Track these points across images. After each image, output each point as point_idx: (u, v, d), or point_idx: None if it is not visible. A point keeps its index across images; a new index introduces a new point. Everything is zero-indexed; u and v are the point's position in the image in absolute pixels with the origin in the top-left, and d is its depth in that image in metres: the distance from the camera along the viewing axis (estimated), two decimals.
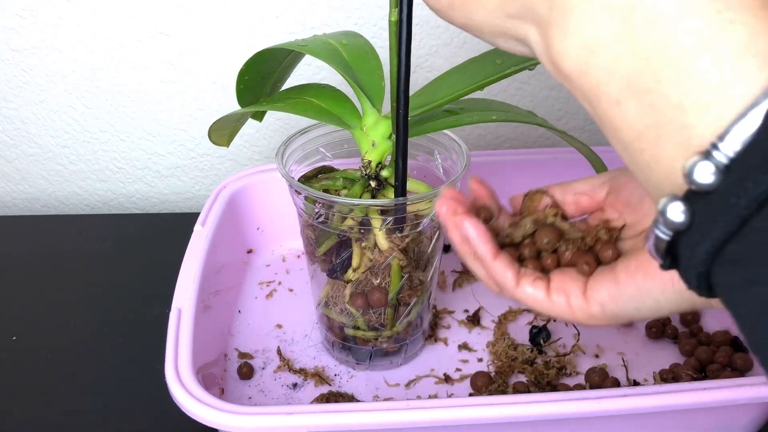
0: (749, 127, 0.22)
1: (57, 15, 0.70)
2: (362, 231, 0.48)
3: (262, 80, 0.51)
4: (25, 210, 0.82)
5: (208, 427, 0.43)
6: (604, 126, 0.27)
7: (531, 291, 0.35)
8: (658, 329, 0.56)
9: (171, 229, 0.72)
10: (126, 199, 0.81)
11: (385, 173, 0.49)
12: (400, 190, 0.47)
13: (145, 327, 0.59)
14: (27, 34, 0.71)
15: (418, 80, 0.71)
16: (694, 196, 0.24)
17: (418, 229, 0.49)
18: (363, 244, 0.49)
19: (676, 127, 0.24)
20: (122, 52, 0.72)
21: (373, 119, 0.49)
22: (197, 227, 0.58)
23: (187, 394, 0.43)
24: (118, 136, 0.77)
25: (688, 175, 0.23)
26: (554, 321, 0.58)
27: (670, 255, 0.26)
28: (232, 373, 0.54)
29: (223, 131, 0.51)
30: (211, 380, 0.51)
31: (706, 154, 0.23)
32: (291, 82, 0.54)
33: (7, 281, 0.66)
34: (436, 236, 0.51)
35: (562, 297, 0.35)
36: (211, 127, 0.50)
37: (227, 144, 0.51)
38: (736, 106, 0.23)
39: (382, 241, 0.48)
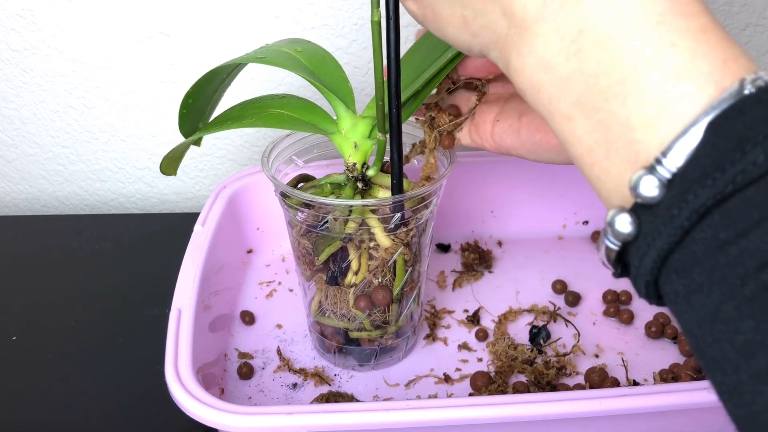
0: (690, 143, 0.23)
1: (57, 15, 0.70)
2: (366, 232, 0.48)
3: (206, 102, 0.50)
4: (25, 210, 0.82)
5: (208, 427, 0.43)
6: (558, 138, 0.29)
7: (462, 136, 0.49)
8: (658, 329, 0.56)
9: (171, 229, 0.72)
10: (126, 199, 0.81)
11: (370, 173, 0.49)
12: (398, 188, 0.47)
13: (145, 327, 0.59)
14: (27, 34, 0.71)
15: None
16: (640, 209, 0.25)
17: (422, 221, 0.49)
18: (371, 245, 0.49)
19: (623, 143, 0.25)
20: (122, 52, 0.72)
21: (350, 121, 0.49)
22: (197, 227, 0.58)
23: (187, 394, 0.43)
24: (118, 136, 0.77)
25: (634, 189, 0.24)
26: (554, 321, 0.59)
27: (621, 264, 0.27)
28: (232, 373, 0.54)
29: (173, 161, 0.50)
30: (211, 380, 0.51)
31: (651, 169, 0.24)
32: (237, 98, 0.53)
33: (7, 281, 0.66)
34: (429, 227, 0.51)
35: (478, 139, 0.48)
36: (163, 161, 0.49)
37: (175, 172, 0.51)
38: (678, 123, 0.24)
39: (384, 240, 0.48)
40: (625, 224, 0.25)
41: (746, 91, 0.23)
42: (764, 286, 0.21)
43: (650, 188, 0.24)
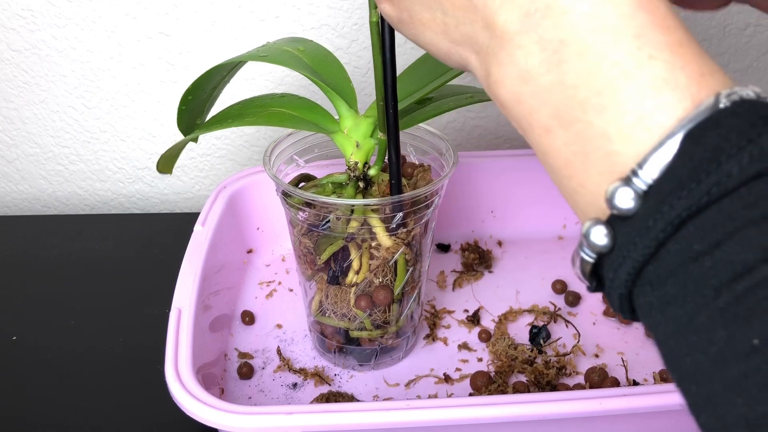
0: (666, 155, 0.24)
1: (57, 15, 0.70)
2: (367, 231, 0.48)
3: (205, 99, 0.50)
4: (25, 210, 0.82)
5: (208, 427, 0.43)
6: (536, 151, 0.29)
7: None
8: None
9: (171, 229, 0.72)
10: (126, 199, 0.81)
11: (372, 172, 0.49)
12: (397, 188, 0.47)
13: (145, 327, 0.59)
14: (27, 34, 0.71)
15: None
16: (616, 221, 0.25)
17: (423, 221, 0.49)
18: (373, 244, 0.49)
19: (601, 154, 0.26)
20: (122, 52, 0.72)
21: (352, 121, 0.49)
22: (197, 227, 0.58)
23: (187, 394, 0.43)
24: (118, 136, 0.77)
25: (610, 200, 0.24)
26: (554, 322, 0.59)
27: (595, 277, 0.27)
28: (232, 373, 0.54)
29: (169, 159, 0.50)
30: (211, 380, 0.51)
31: (627, 180, 0.24)
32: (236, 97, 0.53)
33: (7, 281, 0.66)
34: (430, 227, 0.51)
35: None
36: (160, 160, 0.49)
37: (170, 171, 0.51)
38: (654, 135, 0.24)
39: (385, 239, 0.48)
40: (600, 236, 0.25)
41: (721, 105, 0.23)
42: (737, 297, 0.21)
43: (626, 200, 0.24)
